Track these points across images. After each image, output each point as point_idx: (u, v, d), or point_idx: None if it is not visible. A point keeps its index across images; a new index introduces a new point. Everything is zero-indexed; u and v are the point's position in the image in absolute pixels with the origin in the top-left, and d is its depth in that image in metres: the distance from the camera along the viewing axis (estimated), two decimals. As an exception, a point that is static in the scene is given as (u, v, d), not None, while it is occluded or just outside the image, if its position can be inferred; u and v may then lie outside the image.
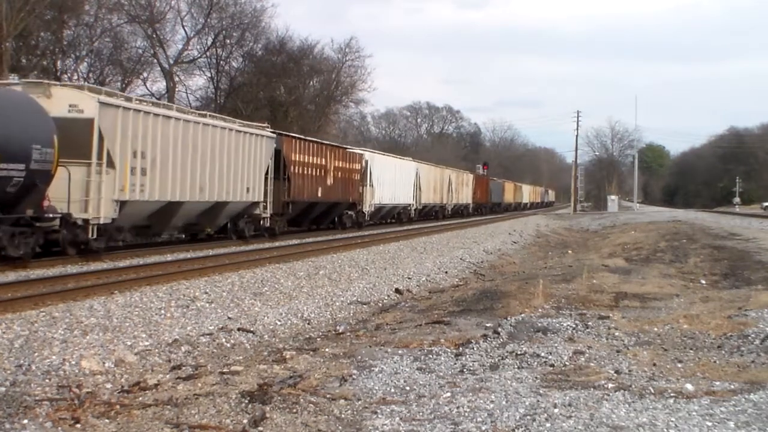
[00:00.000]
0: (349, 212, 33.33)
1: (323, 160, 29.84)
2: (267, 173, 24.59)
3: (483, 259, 22.91)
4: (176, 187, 19.24)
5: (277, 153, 25.58)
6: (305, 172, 28.17)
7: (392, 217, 42.71)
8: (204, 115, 22.01)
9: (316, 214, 30.81)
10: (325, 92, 59.21)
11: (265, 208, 24.52)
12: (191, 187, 19.97)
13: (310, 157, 28.64)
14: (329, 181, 30.39)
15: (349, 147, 36.93)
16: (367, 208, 35.08)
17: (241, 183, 22.72)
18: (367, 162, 35.55)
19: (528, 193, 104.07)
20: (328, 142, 33.47)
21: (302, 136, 30.86)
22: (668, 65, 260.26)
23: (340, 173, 31.72)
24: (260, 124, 26.37)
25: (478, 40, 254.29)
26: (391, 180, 39.00)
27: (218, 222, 22.81)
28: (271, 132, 25.42)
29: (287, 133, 29.36)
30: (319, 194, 29.40)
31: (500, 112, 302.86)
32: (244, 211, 23.60)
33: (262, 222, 24.65)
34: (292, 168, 26.78)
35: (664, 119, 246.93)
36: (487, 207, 69.98)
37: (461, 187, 59.08)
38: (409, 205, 43.43)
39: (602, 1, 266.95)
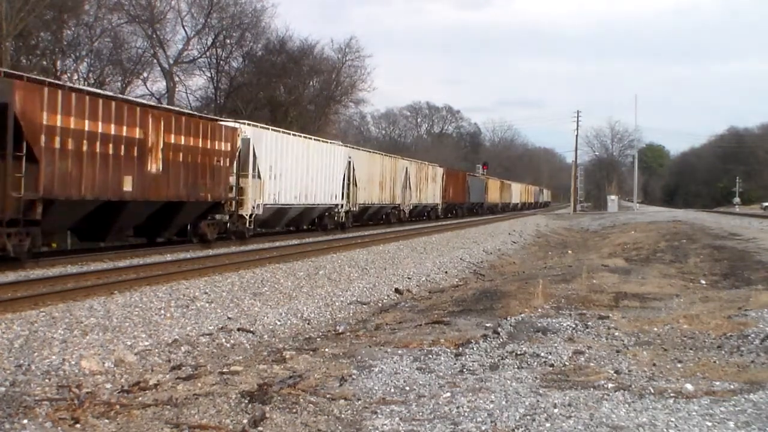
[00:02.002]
0: (217, 217, 22.01)
1: (138, 131, 17.72)
2: None
3: (483, 259, 22.93)
4: None
5: (1, 111, 13.94)
6: (84, 148, 15.90)
7: (311, 223, 31.07)
8: None
9: (138, 221, 19.32)
10: (325, 92, 59.17)
11: None
12: None
13: (100, 124, 16.38)
14: (153, 166, 18.37)
15: (210, 117, 25.37)
16: (250, 211, 23.75)
17: None
18: (248, 141, 23.61)
19: (519, 192, 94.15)
20: (149, 103, 22.15)
21: (76, 86, 19.62)
22: (668, 65, 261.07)
23: (182, 155, 19.56)
24: None
25: (478, 41, 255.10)
26: (300, 170, 27.68)
27: None
28: None
29: (28, 75, 16.63)
30: (127, 188, 17.44)
31: (500, 112, 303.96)
32: None
33: None
34: (42, 139, 14.76)
35: (664, 119, 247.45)
36: (463, 208, 58.76)
37: (424, 183, 47.29)
38: (337, 206, 32.04)
39: (602, 2, 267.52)
